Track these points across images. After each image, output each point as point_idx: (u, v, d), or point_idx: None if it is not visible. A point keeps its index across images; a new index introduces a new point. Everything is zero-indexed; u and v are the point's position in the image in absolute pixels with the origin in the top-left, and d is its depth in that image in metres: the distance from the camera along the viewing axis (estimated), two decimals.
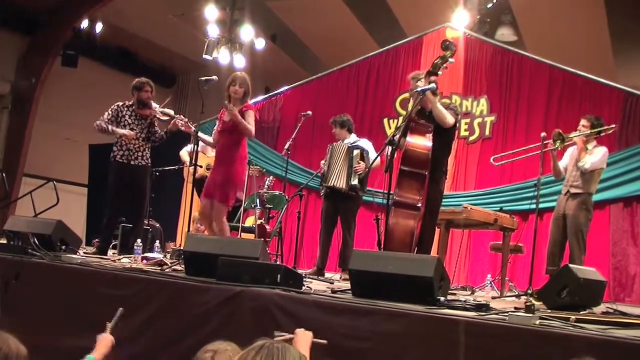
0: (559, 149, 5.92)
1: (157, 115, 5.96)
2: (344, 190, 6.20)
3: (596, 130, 5.86)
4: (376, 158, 5.58)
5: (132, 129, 5.91)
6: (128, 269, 4.23)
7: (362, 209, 6.62)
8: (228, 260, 3.70)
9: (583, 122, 5.94)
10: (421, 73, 4.94)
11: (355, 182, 6.17)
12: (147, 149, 6.02)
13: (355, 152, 6.27)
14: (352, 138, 6.57)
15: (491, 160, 6.94)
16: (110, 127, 5.87)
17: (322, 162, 6.52)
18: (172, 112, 6.03)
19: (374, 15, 10.65)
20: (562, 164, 6.09)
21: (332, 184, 6.24)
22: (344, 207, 6.32)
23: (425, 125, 4.78)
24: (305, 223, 8.70)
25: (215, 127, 5.66)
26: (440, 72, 4.83)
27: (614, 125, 6.06)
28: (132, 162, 5.91)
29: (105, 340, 2.67)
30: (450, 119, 4.82)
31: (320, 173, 6.48)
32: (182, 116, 5.94)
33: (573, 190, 5.84)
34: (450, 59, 4.80)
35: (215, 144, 5.60)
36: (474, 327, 2.74)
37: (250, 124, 5.31)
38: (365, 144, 6.55)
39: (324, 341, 2.52)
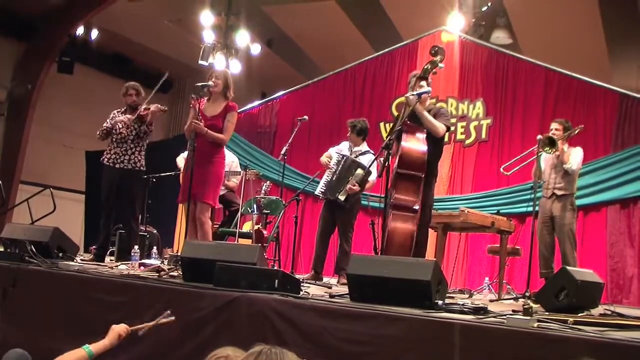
0: (551, 154, 5.93)
1: (141, 113, 5.93)
2: (333, 199, 6.11)
3: (567, 132, 5.99)
4: (372, 163, 5.56)
5: (121, 132, 5.89)
6: (125, 275, 4.22)
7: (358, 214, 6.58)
8: (225, 266, 3.70)
9: (555, 125, 6.06)
10: (419, 72, 4.97)
11: (342, 197, 6.06)
12: (136, 152, 5.92)
13: (359, 171, 6.05)
14: (364, 147, 6.42)
15: (501, 169, 6.74)
16: (109, 123, 5.90)
17: (325, 157, 6.38)
18: (153, 106, 5.96)
19: (369, 19, 10.67)
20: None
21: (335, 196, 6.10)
22: (342, 215, 6.22)
23: (420, 128, 4.80)
24: (302, 228, 8.69)
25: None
26: (430, 78, 4.90)
27: (581, 126, 6.14)
28: (117, 166, 5.86)
29: (116, 329, 2.62)
30: (441, 128, 4.85)
31: (318, 176, 6.36)
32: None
33: (559, 192, 6.00)
34: (440, 64, 4.87)
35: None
36: (472, 331, 2.74)
37: (229, 128, 5.31)
38: (370, 158, 6.14)
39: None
